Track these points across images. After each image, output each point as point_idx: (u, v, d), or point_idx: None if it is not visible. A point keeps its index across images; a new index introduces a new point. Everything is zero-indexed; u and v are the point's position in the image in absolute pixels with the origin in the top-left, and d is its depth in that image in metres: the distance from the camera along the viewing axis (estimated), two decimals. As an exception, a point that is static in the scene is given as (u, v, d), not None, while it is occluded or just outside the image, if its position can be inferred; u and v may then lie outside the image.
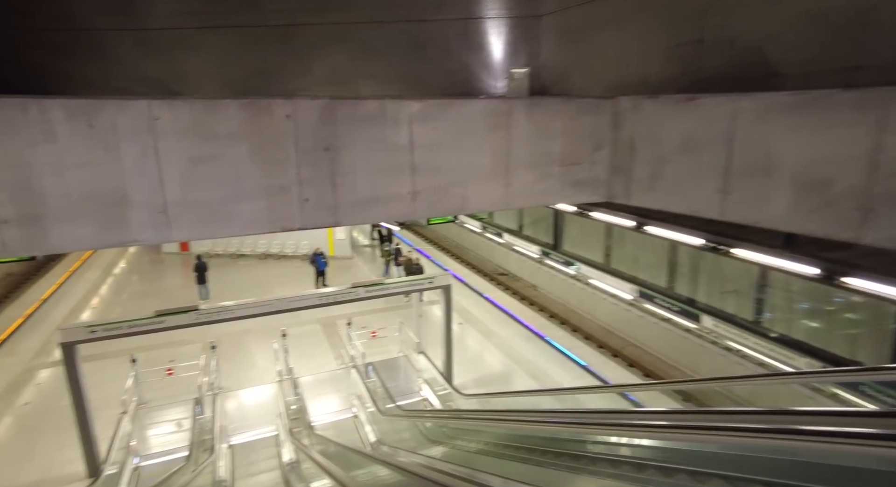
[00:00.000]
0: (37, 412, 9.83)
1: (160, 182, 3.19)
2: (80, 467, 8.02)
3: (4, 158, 2.81)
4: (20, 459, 8.50)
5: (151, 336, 12.62)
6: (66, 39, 6.64)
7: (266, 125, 3.39)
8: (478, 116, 4.02)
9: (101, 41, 6.70)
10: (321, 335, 13.47)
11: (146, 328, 7.84)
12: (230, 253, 20.78)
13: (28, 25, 7.29)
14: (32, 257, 14.00)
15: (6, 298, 17.59)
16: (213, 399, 9.43)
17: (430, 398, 10.03)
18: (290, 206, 3.58)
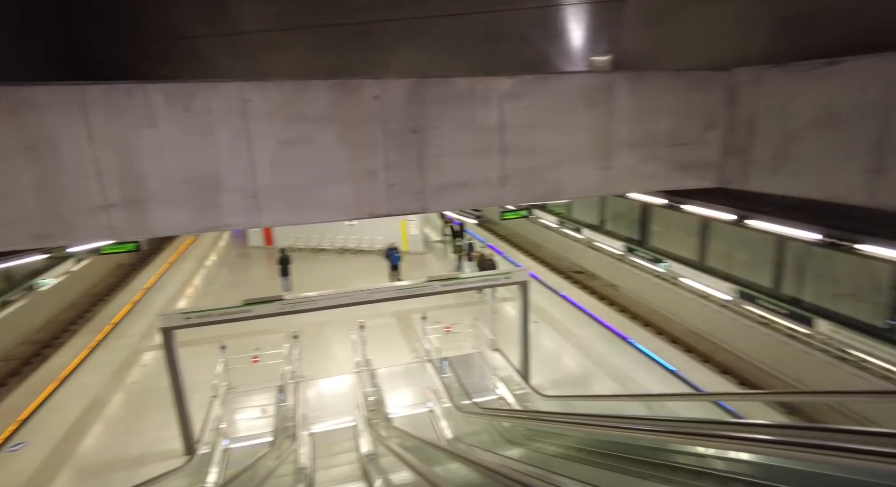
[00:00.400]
0: (142, 390, 10.64)
1: (251, 166, 3.17)
2: (177, 444, 8.54)
3: (112, 141, 2.88)
4: (129, 433, 9.21)
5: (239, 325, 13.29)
6: (167, 48, 7.01)
7: (354, 106, 3.28)
8: (574, 91, 3.69)
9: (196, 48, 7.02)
10: (396, 329, 13.58)
11: (235, 316, 8.19)
12: (311, 247, 21.60)
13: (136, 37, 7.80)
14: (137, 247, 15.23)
15: (117, 286, 19.39)
16: (294, 388, 9.73)
17: (506, 397, 9.75)
18: (377, 191, 3.46)
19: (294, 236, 21.81)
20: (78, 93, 2.77)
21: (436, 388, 9.86)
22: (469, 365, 10.94)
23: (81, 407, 10.08)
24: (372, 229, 21.33)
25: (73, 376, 11.40)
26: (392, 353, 11.99)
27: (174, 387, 8.19)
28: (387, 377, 10.45)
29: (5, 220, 2.81)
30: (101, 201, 2.94)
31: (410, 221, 20.95)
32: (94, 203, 2.93)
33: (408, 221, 20.98)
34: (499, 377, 10.31)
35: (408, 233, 21.18)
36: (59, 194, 2.87)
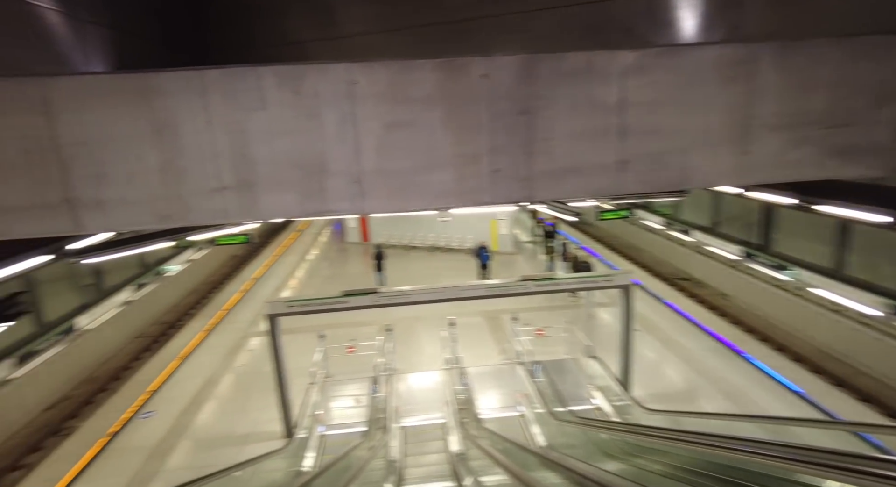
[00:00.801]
0: (249, 373, 11.40)
1: (356, 150, 3.10)
2: (277, 427, 9.00)
3: (226, 125, 2.95)
4: (236, 412, 9.89)
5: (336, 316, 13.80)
6: (279, 53, 7.34)
7: (460, 86, 3.10)
8: (708, 65, 3.22)
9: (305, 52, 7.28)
10: (485, 328, 13.38)
11: (333, 307, 8.45)
12: (403, 244, 22.09)
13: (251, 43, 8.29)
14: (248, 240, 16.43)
15: (230, 275, 21.14)
16: (387, 380, 9.87)
17: (603, 408, 9.15)
18: (480, 177, 3.25)
19: (388, 233, 22.42)
20: (198, 77, 2.86)
21: (527, 392, 9.51)
22: (563, 371, 10.45)
23: (198, 385, 11.01)
24: (462, 228, 21.32)
25: (192, 355, 12.50)
26: (481, 353, 11.80)
27: (276, 372, 8.62)
28: (477, 377, 10.28)
29: (134, 200, 2.99)
30: (216, 183, 3.02)
31: (500, 220, 20.68)
32: (210, 186, 3.02)
33: (498, 220, 20.72)
34: (595, 385, 9.72)
35: (497, 233, 20.92)
36: (179, 177, 2.99)
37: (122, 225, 3.02)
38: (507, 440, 7.09)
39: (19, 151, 2.82)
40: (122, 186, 2.95)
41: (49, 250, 7.70)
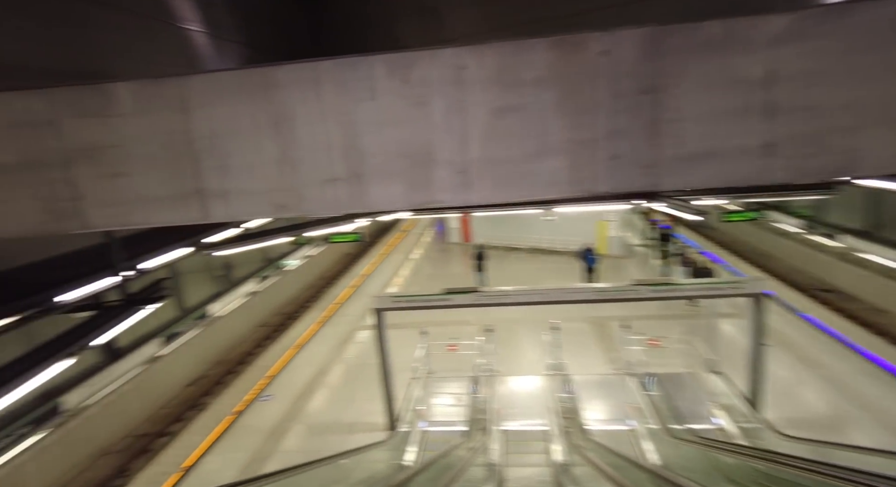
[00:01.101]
0: (357, 365, 11.92)
1: (463, 139, 2.99)
2: (381, 419, 9.27)
3: (338, 116, 2.99)
4: (344, 401, 10.38)
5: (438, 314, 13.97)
6: None
7: (576, 66, 2.85)
8: (885, 26, 2.64)
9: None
10: (590, 335, 12.73)
11: (435, 304, 8.50)
12: (504, 245, 21.86)
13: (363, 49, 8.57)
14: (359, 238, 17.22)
15: (342, 272, 22.41)
16: (487, 381, 9.73)
17: (727, 429, 8.19)
18: (596, 164, 2.97)
19: (489, 234, 22.33)
20: (312, 69, 2.93)
21: (638, 405, 8.82)
22: (679, 385, 9.55)
23: (311, 373, 11.73)
24: (567, 229, 20.56)
25: (307, 345, 13.38)
26: (587, 360, 11.22)
27: (381, 365, 8.87)
28: (582, 385, 9.77)
29: (254, 191, 3.14)
30: (328, 174, 3.08)
31: (609, 222, 19.62)
32: (322, 176, 3.09)
33: (606, 222, 19.69)
34: (718, 403, 8.74)
35: (606, 235, 19.88)
36: (294, 168, 3.09)
37: (243, 214, 3.20)
38: (617, 454, 6.60)
39: (161, 146, 3.09)
40: (243, 177, 3.12)
41: (189, 243, 8.65)
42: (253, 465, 8.40)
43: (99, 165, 3.12)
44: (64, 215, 3.23)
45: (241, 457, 8.63)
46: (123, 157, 3.11)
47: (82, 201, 3.19)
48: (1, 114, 3.11)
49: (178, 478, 8.15)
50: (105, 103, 3.04)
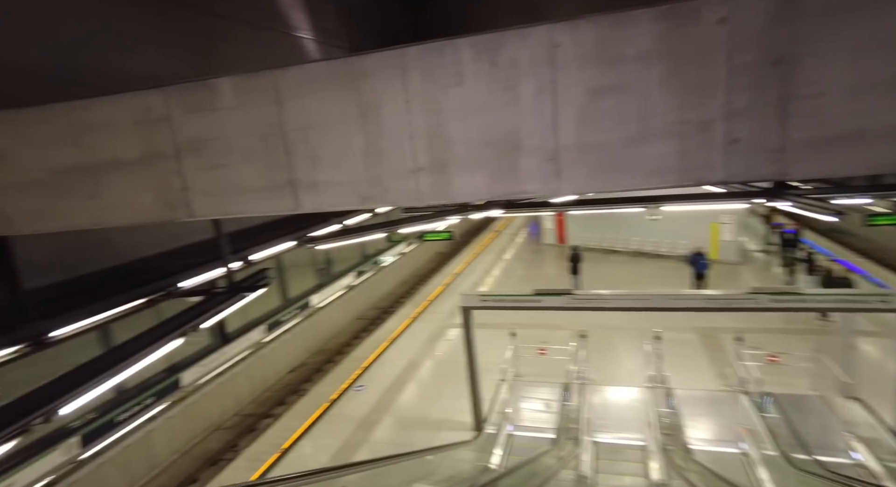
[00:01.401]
0: (446, 362, 11.97)
1: (554, 123, 2.75)
2: (468, 418, 9.18)
3: (423, 104, 2.90)
4: (433, 397, 10.45)
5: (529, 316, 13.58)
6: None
7: (688, 37, 2.50)
8: None
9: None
10: (698, 347, 11.65)
11: (525, 305, 8.24)
12: (603, 248, 20.84)
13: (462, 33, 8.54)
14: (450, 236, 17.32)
15: (435, 270, 22.76)
16: (579, 389, 9.25)
17: (870, 466, 7.01)
18: (711, 149, 2.59)
19: (586, 235, 21.41)
20: (398, 56, 2.87)
21: (752, 428, 7.86)
22: (804, 410, 8.38)
23: (401, 366, 11.98)
24: (674, 231, 19.10)
25: (399, 339, 13.71)
26: (692, 374, 10.27)
27: (469, 363, 8.78)
28: (686, 401, 8.94)
29: (341, 182, 3.16)
30: (412, 164, 3.01)
31: (724, 224, 17.90)
32: (406, 167, 3.02)
33: (720, 224, 17.98)
34: (856, 435, 7.52)
35: (719, 238, 18.17)
36: (379, 158, 3.06)
37: (330, 205, 3.23)
38: (725, 480, 5.90)
39: (257, 138, 3.21)
40: (331, 168, 3.15)
41: (292, 237, 9.19)
42: (343, 452, 8.72)
43: (202, 157, 3.32)
44: (175, 205, 3.49)
45: (333, 444, 8.99)
46: (224, 149, 3.28)
47: (189, 191, 3.41)
48: (128, 113, 3.42)
49: (275, 459, 8.68)
50: (210, 98, 3.22)
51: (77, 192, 3.64)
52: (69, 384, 3.26)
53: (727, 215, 17.72)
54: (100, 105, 3.45)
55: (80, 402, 3.31)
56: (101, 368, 3.48)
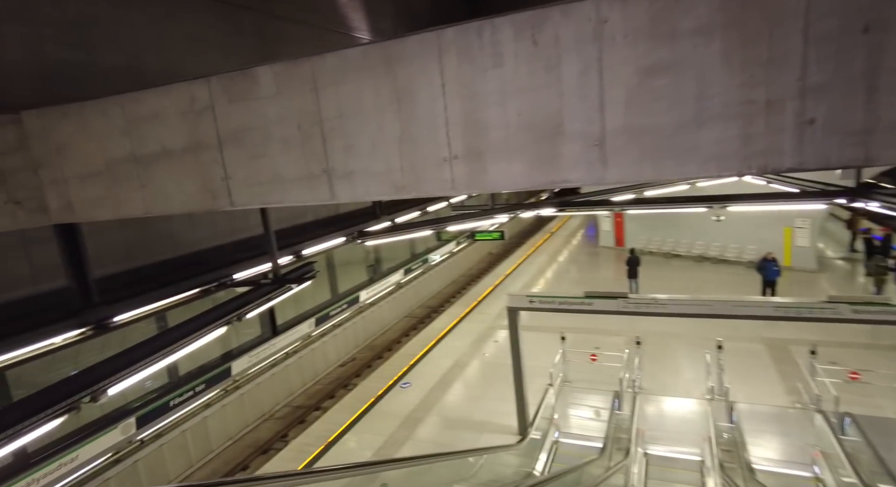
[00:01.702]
0: (492, 363, 11.76)
1: (600, 105, 2.54)
2: (512, 421, 8.95)
3: (459, 88, 2.77)
4: (477, 398, 10.28)
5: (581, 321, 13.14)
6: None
7: (755, 6, 2.22)
8: None
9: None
10: (765, 359, 10.80)
11: (575, 307, 7.91)
12: (664, 252, 19.89)
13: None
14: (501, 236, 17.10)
15: (486, 271, 22.57)
16: (632, 398, 8.79)
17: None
18: (780, 131, 2.29)
19: (646, 238, 20.53)
20: (435, 39, 2.75)
21: (828, 450, 7.14)
22: (891, 434, 7.53)
23: (447, 365, 11.89)
24: (741, 234, 17.95)
25: (446, 338, 13.63)
26: (758, 388, 9.52)
27: (515, 365, 8.56)
28: (749, 416, 8.29)
29: (375, 171, 3.08)
30: (446, 152, 2.88)
31: (799, 228, 16.59)
32: (440, 155, 2.90)
33: (794, 228, 16.69)
34: (951, 465, 6.66)
35: (792, 243, 16.85)
36: (413, 146, 2.95)
37: (365, 194, 3.16)
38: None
39: (296, 126, 3.20)
40: (366, 157, 3.07)
41: (343, 233, 9.31)
42: (385, 449, 8.72)
43: (243, 146, 3.35)
44: (218, 194, 3.54)
45: (376, 440, 9.02)
46: (263, 139, 3.28)
47: (230, 180, 3.45)
48: (176, 103, 3.51)
49: (319, 451, 8.81)
50: (250, 87, 3.23)
51: (130, 181, 3.78)
52: (116, 367, 3.37)
53: (802, 219, 16.41)
54: (150, 96, 3.55)
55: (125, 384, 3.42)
56: (147, 352, 3.59)
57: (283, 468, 8.58)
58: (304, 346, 13.80)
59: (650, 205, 8.51)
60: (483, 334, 13.56)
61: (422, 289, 19.84)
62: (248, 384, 11.82)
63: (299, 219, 10.77)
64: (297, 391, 13.27)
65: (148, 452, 9.35)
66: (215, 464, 10.50)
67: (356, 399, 10.70)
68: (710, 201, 7.70)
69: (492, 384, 10.70)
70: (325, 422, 9.92)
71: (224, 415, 11.10)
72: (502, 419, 9.31)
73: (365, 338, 16.27)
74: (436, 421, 9.54)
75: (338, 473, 5.25)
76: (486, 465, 7.36)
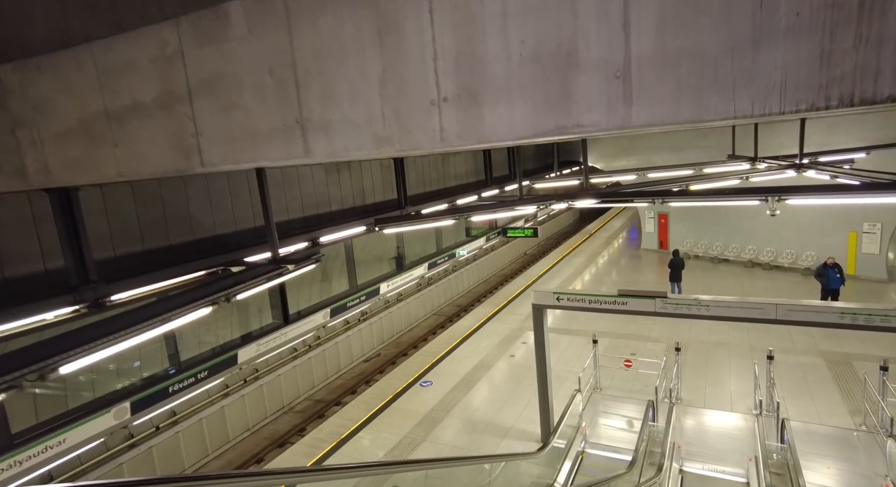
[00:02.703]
0: (519, 365, 11.12)
1: (623, 25, 1.97)
2: (536, 428, 8.33)
3: (451, 12, 2.27)
4: (501, 401, 9.68)
5: (617, 324, 12.40)
6: None
7: None
8: None
9: None
10: (825, 373, 9.71)
11: (607, 307, 7.22)
12: (711, 256, 18.66)
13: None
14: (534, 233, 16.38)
15: (519, 271, 21.87)
16: (668, 409, 7.99)
17: None
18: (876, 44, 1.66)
19: (692, 241, 19.33)
20: (421, -50, 2.25)
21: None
22: (978, 466, 6.48)
23: (472, 365, 11.34)
24: (798, 239, 16.60)
25: (472, 337, 13.08)
26: (815, 406, 8.51)
27: (539, 367, 7.94)
28: (805, 436, 7.36)
29: (356, 121, 2.61)
30: (434, 94, 2.38)
31: (867, 233, 15.12)
32: (428, 98, 2.39)
33: (862, 233, 15.22)
34: None
35: (858, 250, 15.38)
36: (398, 89, 2.46)
37: (344, 149, 2.70)
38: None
39: (267, 72, 2.77)
40: (345, 104, 2.61)
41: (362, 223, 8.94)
42: (399, 449, 8.27)
43: (215, 97, 2.95)
44: (190, 154, 3.16)
45: (391, 439, 8.58)
46: (235, 87, 2.87)
47: (202, 137, 3.06)
48: (146, 49, 3.15)
49: (331, 448, 8.44)
50: (222, 27, 2.83)
51: (103, 141, 3.46)
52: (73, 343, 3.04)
53: (871, 223, 14.94)
54: (122, 42, 3.21)
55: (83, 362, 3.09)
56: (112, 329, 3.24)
57: (293, 462, 8.27)
58: (328, 339, 13.57)
59: (696, 197, 7.72)
60: (511, 335, 12.92)
61: (452, 287, 19.35)
62: (269, 375, 11.66)
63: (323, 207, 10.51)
64: (318, 385, 13.04)
65: (163, 438, 9.26)
66: (231, 455, 10.35)
67: (375, 396, 10.30)
68: (766, 193, 6.86)
69: (517, 388, 10.09)
70: (341, 417, 9.56)
71: (243, 405, 10.95)
72: (526, 424, 8.70)
73: (391, 334, 15.93)
74: (454, 423, 9.02)
75: (338, 473, 4.83)
76: (504, 473, 6.77)
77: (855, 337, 11.10)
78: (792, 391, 8.93)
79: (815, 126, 11.18)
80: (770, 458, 6.62)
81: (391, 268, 13.21)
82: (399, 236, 13.86)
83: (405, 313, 16.56)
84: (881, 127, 14.45)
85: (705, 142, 17.31)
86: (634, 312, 7.13)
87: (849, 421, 8.03)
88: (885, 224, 14.85)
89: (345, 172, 10.94)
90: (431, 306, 17.97)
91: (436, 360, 11.83)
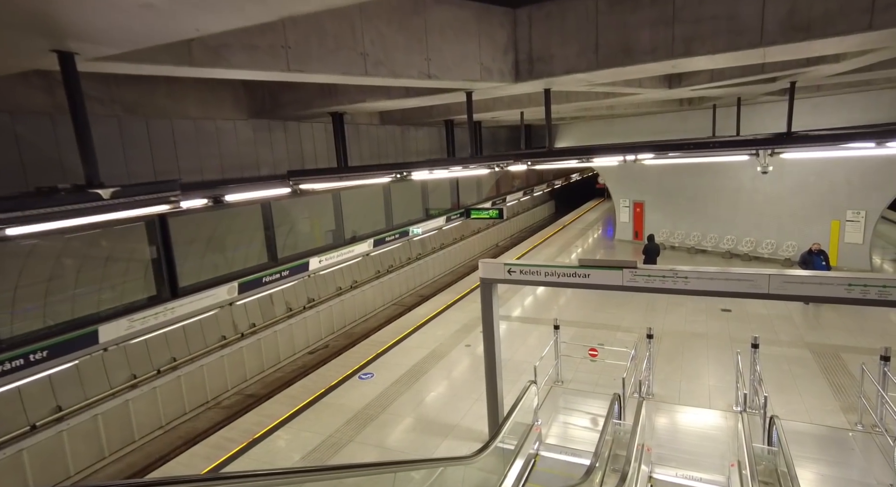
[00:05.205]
0: (476, 355, 9.81)
1: None
2: (485, 426, 7.09)
3: None
4: (449, 396, 8.39)
5: (584, 314, 11.26)
6: None
7: None
8: None
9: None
10: (812, 366, 8.67)
11: (565, 280, 5.98)
12: (688, 247, 17.73)
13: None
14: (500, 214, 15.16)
15: (488, 261, 20.57)
16: (638, 405, 6.77)
17: None
18: None
19: (668, 231, 18.42)
20: None
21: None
22: None
23: (421, 356, 10.04)
24: (778, 228, 15.75)
25: (427, 325, 11.78)
26: (804, 403, 7.43)
27: (487, 353, 6.70)
28: (796, 437, 6.24)
29: None
30: None
31: (850, 222, 14.28)
32: None
33: (845, 222, 14.38)
34: None
35: (841, 239, 14.55)
36: None
37: None
38: None
39: None
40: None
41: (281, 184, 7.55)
42: (318, 451, 6.91)
43: None
44: None
45: (312, 439, 7.22)
46: None
47: None
48: None
49: (238, 450, 7.05)
50: None
51: None
52: None
53: (854, 210, 14.10)
54: None
55: None
56: None
57: (190, 467, 6.84)
58: (266, 327, 12.12)
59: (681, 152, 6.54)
60: (470, 323, 11.64)
61: (415, 275, 18.04)
62: (189, 365, 10.16)
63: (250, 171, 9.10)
64: (252, 378, 11.57)
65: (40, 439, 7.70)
66: (134, 457, 8.84)
67: (304, 389, 8.94)
68: (757, 145, 5.71)
69: (470, 380, 8.82)
70: (259, 414, 8.16)
71: (154, 399, 9.44)
72: (475, 422, 7.44)
73: (342, 324, 14.53)
74: (391, 420, 7.69)
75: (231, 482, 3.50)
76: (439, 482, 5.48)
77: (842, 328, 10.14)
78: (778, 386, 7.85)
79: (800, 106, 10.26)
80: (757, 463, 5.44)
81: (326, 242, 11.78)
82: (338, 207, 12.35)
83: (360, 301, 15.16)
84: (868, 108, 13.63)
85: (684, 124, 16.37)
86: (598, 286, 5.91)
87: (842, 420, 6.95)
88: (869, 212, 14.03)
89: (279, 131, 9.53)
90: (391, 294, 16.61)
91: (382, 350, 10.51)
